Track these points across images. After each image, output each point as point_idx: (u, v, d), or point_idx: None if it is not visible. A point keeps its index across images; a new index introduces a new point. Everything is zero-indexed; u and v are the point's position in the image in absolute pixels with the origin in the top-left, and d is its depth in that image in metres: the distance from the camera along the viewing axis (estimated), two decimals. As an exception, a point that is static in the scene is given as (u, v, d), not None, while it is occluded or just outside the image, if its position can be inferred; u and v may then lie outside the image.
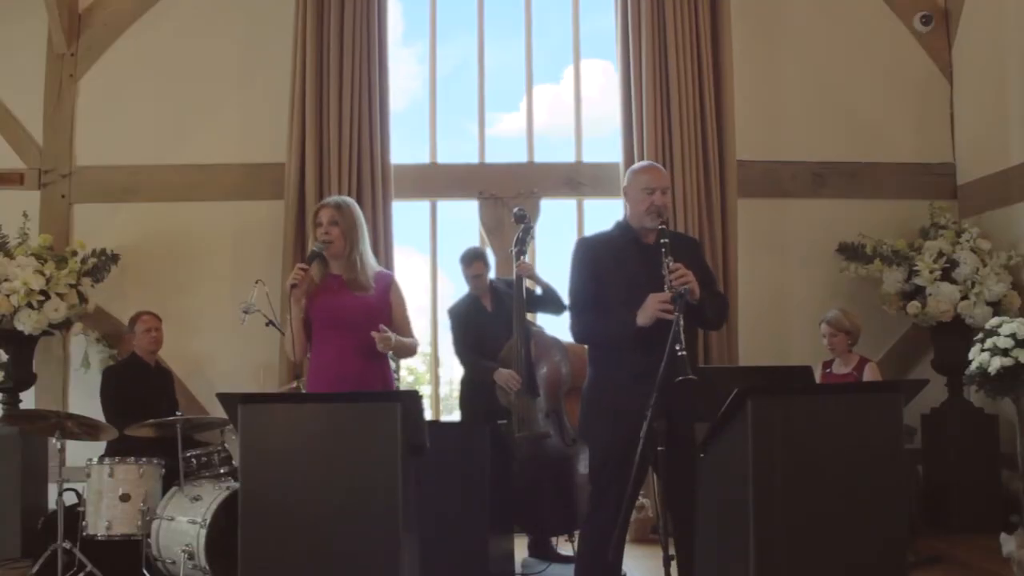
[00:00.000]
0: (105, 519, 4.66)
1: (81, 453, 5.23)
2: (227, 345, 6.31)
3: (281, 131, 6.32)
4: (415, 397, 3.34)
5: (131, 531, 4.67)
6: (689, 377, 3.24)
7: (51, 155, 6.55)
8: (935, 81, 6.69)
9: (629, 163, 6.08)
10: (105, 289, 6.27)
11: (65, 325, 6.09)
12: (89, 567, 4.55)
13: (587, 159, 6.78)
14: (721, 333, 5.99)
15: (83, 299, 6.04)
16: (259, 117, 6.52)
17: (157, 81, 6.58)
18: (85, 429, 4.79)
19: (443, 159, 6.80)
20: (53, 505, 4.76)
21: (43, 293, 5.82)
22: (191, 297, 6.42)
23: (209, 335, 6.39)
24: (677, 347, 3.30)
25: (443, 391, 6.98)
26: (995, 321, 5.08)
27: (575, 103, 6.84)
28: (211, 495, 4.71)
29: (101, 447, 5.29)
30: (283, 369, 6.11)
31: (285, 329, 4.38)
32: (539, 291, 5.39)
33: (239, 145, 6.56)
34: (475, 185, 6.66)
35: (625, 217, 3.84)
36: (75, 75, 6.60)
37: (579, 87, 6.86)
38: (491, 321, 5.37)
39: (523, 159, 6.77)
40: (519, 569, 5.16)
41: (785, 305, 6.49)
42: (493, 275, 5.62)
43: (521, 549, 5.34)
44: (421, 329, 6.82)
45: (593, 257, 3.77)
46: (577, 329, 3.78)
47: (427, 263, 6.82)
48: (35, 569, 4.69)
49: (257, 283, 5.18)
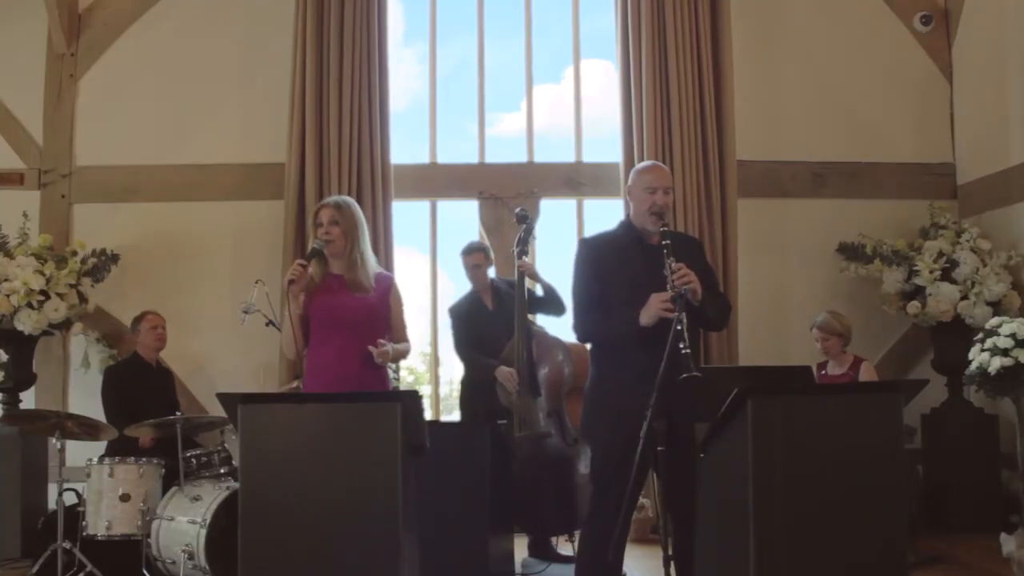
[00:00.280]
0: (105, 519, 4.66)
1: (81, 453, 5.23)
2: (227, 345, 6.32)
3: (281, 131, 6.31)
4: (415, 397, 3.34)
5: (131, 531, 4.67)
6: (693, 374, 3.24)
7: (51, 155, 6.55)
8: (935, 81, 6.69)
9: (629, 163, 6.07)
10: (105, 289, 6.27)
11: (65, 325, 6.09)
12: (89, 567, 4.55)
13: (587, 159, 6.78)
14: (721, 333, 5.98)
15: (83, 299, 6.04)
16: (259, 117, 6.52)
17: (157, 81, 6.58)
18: (85, 429, 4.79)
19: (443, 159, 6.80)
20: (53, 505, 4.76)
21: (43, 293, 5.82)
22: (191, 297, 6.41)
23: (209, 335, 6.39)
24: (681, 345, 3.29)
25: (443, 391, 6.99)
26: (995, 321, 5.08)
27: (575, 103, 6.84)
28: (211, 495, 4.71)
29: (101, 447, 5.29)
30: (283, 369, 6.10)
31: (283, 326, 4.38)
32: (540, 292, 5.39)
33: (239, 145, 6.56)
34: (475, 185, 6.66)
35: (628, 217, 3.86)
36: (75, 75, 6.60)
37: (579, 87, 6.85)
38: (492, 320, 5.37)
39: (523, 159, 6.76)
40: (519, 569, 5.16)
41: (785, 305, 6.49)
42: (493, 274, 5.62)
43: (521, 549, 5.33)
44: (421, 329, 6.86)
45: (596, 257, 3.77)
46: (580, 328, 3.79)
47: (427, 263, 6.83)
48: (35, 569, 4.69)
49: (257, 283, 5.17)
